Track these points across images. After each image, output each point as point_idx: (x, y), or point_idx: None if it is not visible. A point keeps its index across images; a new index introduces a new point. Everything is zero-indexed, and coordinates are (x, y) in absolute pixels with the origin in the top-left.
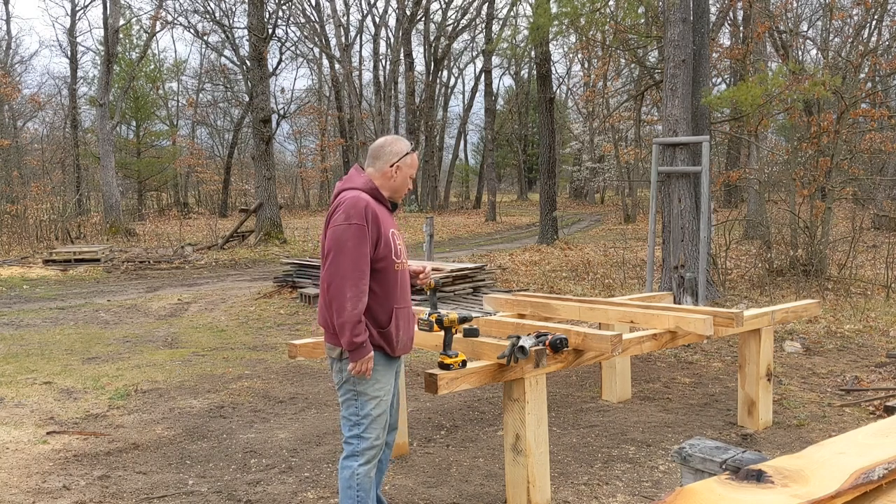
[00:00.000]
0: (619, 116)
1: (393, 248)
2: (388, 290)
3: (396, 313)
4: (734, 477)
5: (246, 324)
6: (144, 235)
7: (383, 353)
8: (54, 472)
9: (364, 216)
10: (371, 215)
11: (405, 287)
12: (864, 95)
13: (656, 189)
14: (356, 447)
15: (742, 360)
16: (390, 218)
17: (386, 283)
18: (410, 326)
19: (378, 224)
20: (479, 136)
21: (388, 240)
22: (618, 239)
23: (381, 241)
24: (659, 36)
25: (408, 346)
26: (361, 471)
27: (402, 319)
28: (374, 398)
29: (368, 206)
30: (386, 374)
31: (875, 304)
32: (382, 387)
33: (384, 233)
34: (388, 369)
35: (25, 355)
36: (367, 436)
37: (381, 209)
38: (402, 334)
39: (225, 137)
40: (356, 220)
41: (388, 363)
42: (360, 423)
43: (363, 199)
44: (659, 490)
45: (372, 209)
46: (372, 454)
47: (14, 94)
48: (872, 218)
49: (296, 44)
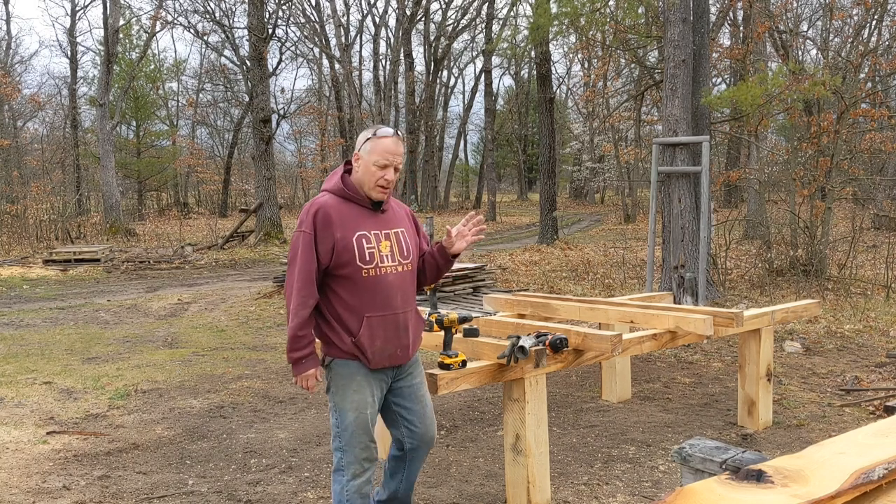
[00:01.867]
0: (619, 116)
1: (358, 254)
2: (358, 297)
3: (369, 321)
4: (734, 477)
5: (246, 324)
6: (144, 235)
7: (360, 363)
8: (54, 472)
9: (312, 222)
10: (322, 220)
11: (387, 293)
12: (864, 95)
13: (656, 189)
14: (340, 460)
15: (742, 360)
16: (367, 218)
17: (354, 290)
18: (402, 335)
19: (332, 228)
20: (479, 136)
21: (350, 244)
22: (618, 239)
23: (337, 246)
24: (659, 36)
25: (398, 356)
26: (351, 486)
27: (379, 328)
28: (351, 410)
29: (321, 210)
30: (366, 385)
31: (875, 304)
32: (362, 399)
33: (344, 237)
34: (368, 381)
35: (25, 355)
36: (348, 449)
37: (348, 209)
38: (381, 343)
39: (225, 137)
40: (303, 228)
41: (368, 374)
42: (340, 435)
43: (317, 203)
44: (659, 490)
45: (325, 213)
46: (358, 469)
47: (14, 94)
48: (872, 218)
49: (296, 44)
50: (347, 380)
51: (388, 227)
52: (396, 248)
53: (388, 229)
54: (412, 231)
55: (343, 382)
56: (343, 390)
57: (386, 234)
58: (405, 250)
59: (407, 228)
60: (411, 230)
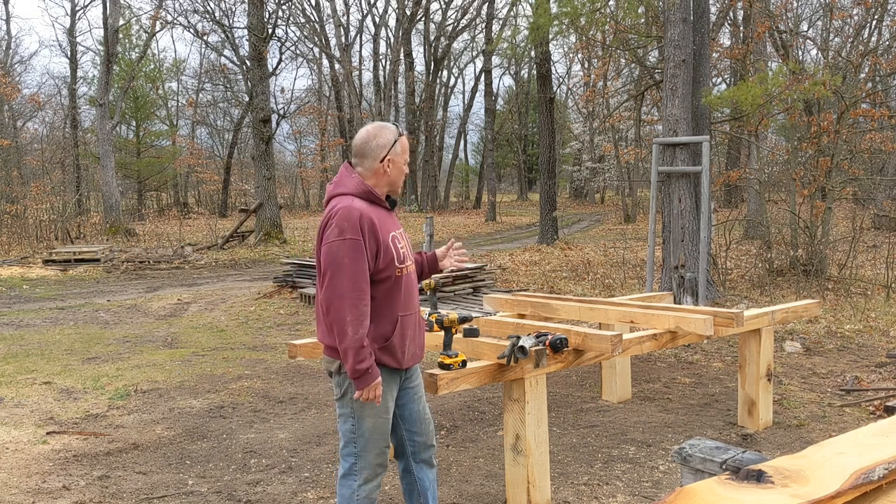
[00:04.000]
0: (619, 116)
1: (396, 255)
2: (391, 299)
3: (402, 321)
4: (734, 477)
5: (246, 324)
6: (144, 235)
7: (385, 367)
8: (54, 472)
9: (359, 229)
10: (367, 225)
11: (411, 292)
12: (864, 95)
13: (656, 189)
14: (353, 465)
15: (742, 360)
16: (391, 219)
17: (389, 292)
18: (419, 334)
19: (376, 233)
20: (479, 136)
21: (389, 247)
22: (618, 239)
23: (381, 251)
24: (659, 36)
25: (417, 355)
26: (363, 491)
27: (408, 328)
28: (371, 416)
29: (363, 215)
30: (386, 391)
31: (875, 304)
32: (382, 405)
33: (384, 240)
34: (390, 384)
35: (25, 355)
36: (364, 454)
37: (378, 212)
38: (410, 343)
39: (225, 137)
40: (350, 235)
41: (390, 376)
42: (357, 441)
43: (356, 208)
44: (659, 490)
45: (367, 218)
46: (370, 474)
47: (14, 94)
48: (872, 218)
49: (296, 44)
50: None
51: (400, 227)
52: (408, 246)
53: (401, 229)
54: None
55: None
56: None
57: (401, 234)
58: (410, 249)
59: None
60: None
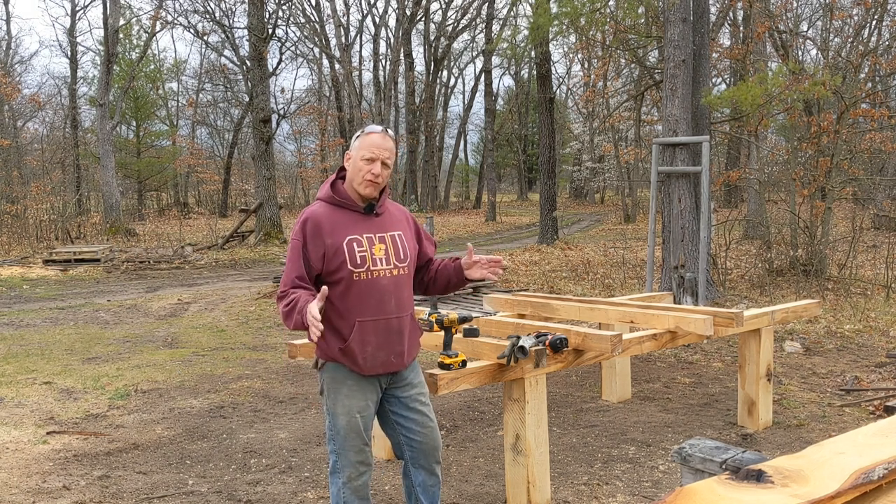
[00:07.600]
0: (619, 116)
1: (350, 258)
2: (347, 302)
3: (360, 326)
4: (734, 477)
5: (246, 324)
6: (144, 235)
7: (350, 370)
8: (54, 472)
9: (302, 231)
10: (312, 229)
11: (380, 296)
12: (864, 95)
13: (656, 189)
14: (335, 462)
15: (742, 360)
16: (359, 222)
17: (346, 294)
18: (396, 341)
19: (322, 236)
20: (479, 136)
21: (342, 249)
22: (618, 239)
23: (328, 252)
24: (659, 36)
25: (392, 363)
26: (347, 489)
27: (370, 334)
28: (343, 414)
29: (309, 219)
30: (357, 391)
31: (875, 304)
32: (354, 403)
33: (333, 243)
34: (360, 385)
35: (25, 355)
36: (343, 452)
37: (341, 216)
38: (375, 350)
39: (225, 137)
40: (294, 237)
41: (359, 379)
42: (335, 439)
43: (307, 212)
44: (659, 490)
45: (315, 221)
46: (353, 472)
47: (14, 94)
48: (872, 218)
49: (296, 44)
50: (339, 384)
51: (382, 231)
52: (392, 251)
53: (383, 232)
54: (411, 234)
55: (335, 386)
56: (335, 394)
57: (380, 238)
58: (402, 253)
59: (405, 231)
60: (410, 234)
